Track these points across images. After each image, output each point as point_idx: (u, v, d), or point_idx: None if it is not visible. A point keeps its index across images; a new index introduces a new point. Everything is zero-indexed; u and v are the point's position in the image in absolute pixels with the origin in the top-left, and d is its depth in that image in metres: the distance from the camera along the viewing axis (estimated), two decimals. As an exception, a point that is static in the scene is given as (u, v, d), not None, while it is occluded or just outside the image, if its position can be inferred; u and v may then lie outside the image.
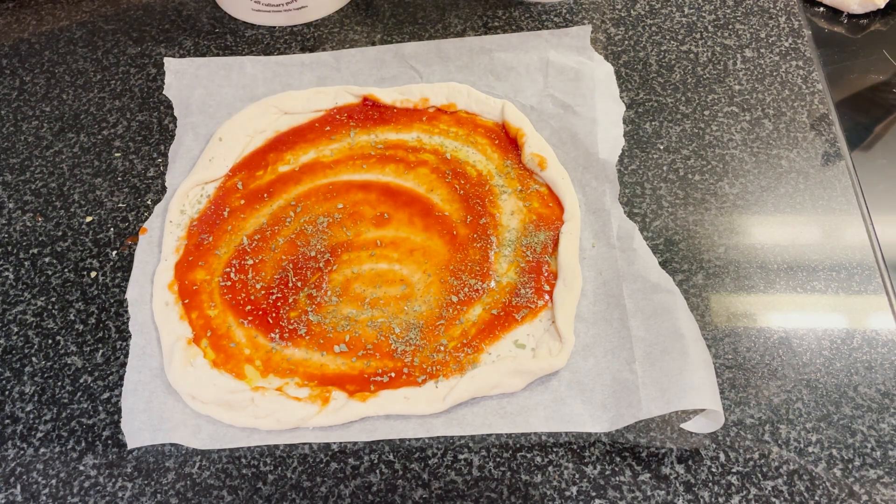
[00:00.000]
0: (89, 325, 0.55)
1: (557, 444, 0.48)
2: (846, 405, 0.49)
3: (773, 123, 0.63)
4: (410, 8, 0.75)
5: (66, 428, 0.51)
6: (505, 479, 0.47)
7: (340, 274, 0.56)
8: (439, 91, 0.65)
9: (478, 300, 0.54)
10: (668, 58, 0.69)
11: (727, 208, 0.58)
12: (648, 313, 0.51)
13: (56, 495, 0.48)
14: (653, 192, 0.60)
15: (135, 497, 0.47)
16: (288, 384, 0.51)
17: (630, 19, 0.72)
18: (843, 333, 0.52)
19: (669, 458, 0.47)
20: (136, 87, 0.70)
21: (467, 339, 0.52)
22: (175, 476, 0.48)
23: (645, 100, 0.66)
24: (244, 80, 0.69)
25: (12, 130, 0.68)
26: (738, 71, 0.67)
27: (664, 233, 0.57)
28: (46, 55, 0.74)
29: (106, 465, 0.49)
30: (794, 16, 0.71)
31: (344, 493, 0.47)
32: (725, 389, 0.50)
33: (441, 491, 0.47)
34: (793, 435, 0.48)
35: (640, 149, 0.62)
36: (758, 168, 0.61)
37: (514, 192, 0.59)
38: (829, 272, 0.55)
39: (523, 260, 0.56)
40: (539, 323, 0.53)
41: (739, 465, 0.47)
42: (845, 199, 0.58)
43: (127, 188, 0.63)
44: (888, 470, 0.46)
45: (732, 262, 0.56)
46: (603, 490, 0.46)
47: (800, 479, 0.46)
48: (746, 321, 0.53)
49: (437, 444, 0.49)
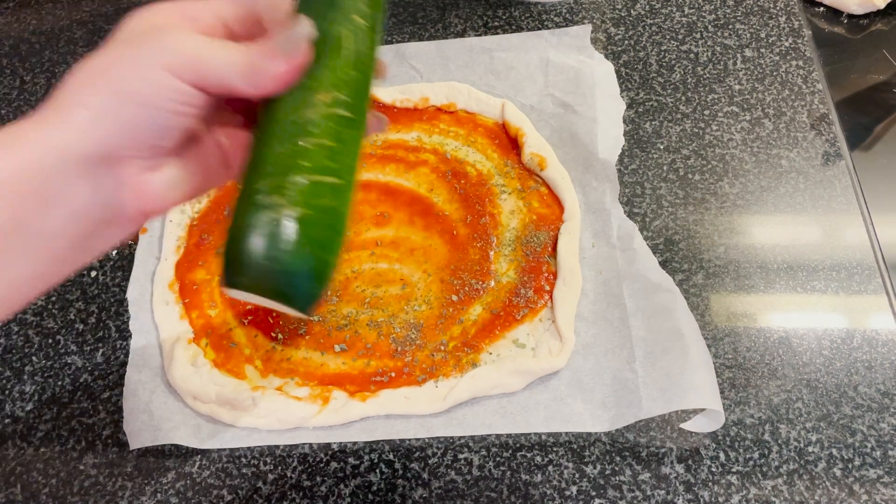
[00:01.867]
0: (89, 325, 0.55)
1: (557, 444, 0.48)
2: (846, 405, 0.49)
3: (773, 123, 0.63)
4: (410, 7, 0.75)
5: (67, 427, 0.51)
6: (505, 479, 0.47)
7: (340, 273, 0.56)
8: (439, 90, 0.65)
9: (478, 300, 0.54)
10: (669, 57, 0.69)
11: (727, 208, 0.58)
12: (649, 313, 0.51)
13: (56, 494, 0.48)
14: (653, 191, 0.60)
15: (135, 496, 0.47)
16: (288, 384, 0.51)
17: (630, 19, 0.72)
18: (843, 333, 0.52)
19: (669, 458, 0.47)
20: (137, 87, 0.70)
21: (467, 339, 0.52)
22: (175, 476, 0.48)
23: (645, 99, 0.65)
24: (244, 79, 0.69)
25: (12, 130, 0.68)
26: (738, 71, 0.67)
27: (664, 232, 0.57)
28: (47, 54, 0.74)
29: (106, 464, 0.49)
30: (795, 16, 0.71)
31: (344, 493, 0.47)
32: (725, 389, 0.50)
33: (441, 490, 0.47)
34: (793, 434, 0.48)
35: (641, 148, 0.62)
36: (758, 168, 0.61)
37: (514, 192, 0.59)
38: (829, 272, 0.55)
39: (523, 259, 0.56)
40: (539, 322, 0.53)
41: (739, 465, 0.47)
42: (845, 198, 0.58)
43: (127, 188, 0.63)
44: (888, 470, 0.46)
45: (732, 262, 0.56)
46: (603, 489, 0.46)
47: (800, 479, 0.46)
48: (746, 321, 0.53)
49: (437, 444, 0.49)
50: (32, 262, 0.29)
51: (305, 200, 0.29)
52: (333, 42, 0.31)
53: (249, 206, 0.29)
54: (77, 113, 0.28)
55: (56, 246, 0.29)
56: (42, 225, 0.28)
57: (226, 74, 0.29)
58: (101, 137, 0.28)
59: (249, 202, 0.29)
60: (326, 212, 0.30)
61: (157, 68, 0.28)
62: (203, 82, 0.29)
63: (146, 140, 0.29)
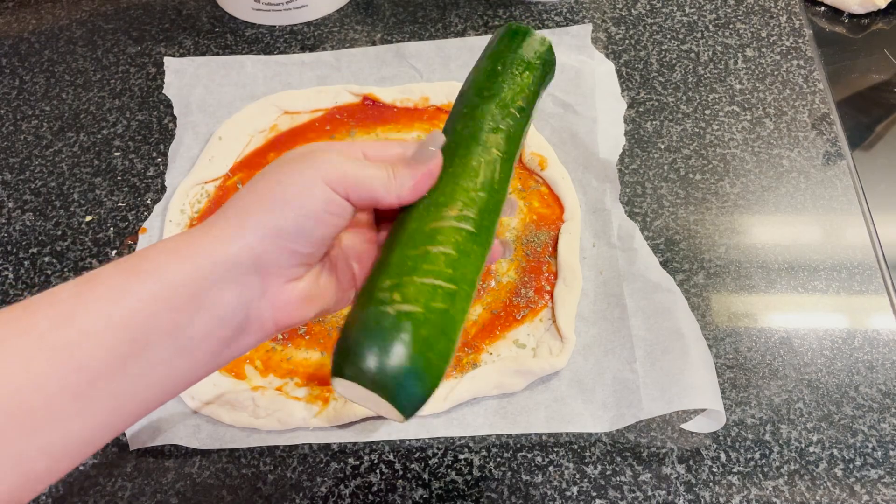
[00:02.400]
0: (89, 325, 0.55)
1: (558, 444, 0.48)
2: (847, 405, 0.49)
3: (774, 123, 0.63)
4: (411, 7, 0.75)
5: (66, 428, 0.50)
6: (505, 479, 0.47)
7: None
8: (440, 90, 0.65)
9: (478, 300, 0.54)
10: (669, 57, 0.68)
11: (728, 208, 0.58)
12: (649, 313, 0.51)
13: (56, 495, 0.48)
14: (653, 191, 0.60)
15: (135, 497, 0.47)
16: (288, 384, 0.51)
17: (631, 18, 0.72)
18: (844, 333, 0.52)
19: (670, 458, 0.47)
20: (136, 87, 0.70)
21: (468, 339, 0.52)
22: (175, 476, 0.48)
23: (646, 99, 0.65)
24: (244, 79, 0.69)
25: (12, 130, 0.68)
26: (738, 70, 0.67)
27: (665, 232, 0.57)
28: (46, 54, 0.74)
29: (106, 464, 0.49)
30: (795, 15, 0.71)
31: (344, 493, 0.47)
32: (726, 389, 0.50)
33: (441, 491, 0.47)
34: (794, 435, 0.48)
35: (641, 148, 0.62)
36: (759, 167, 0.60)
37: (515, 192, 0.59)
38: (830, 272, 0.55)
39: (524, 259, 0.56)
40: (539, 322, 0.53)
41: (740, 465, 0.47)
42: (846, 198, 0.58)
43: (127, 187, 0.63)
44: (889, 470, 0.46)
45: (733, 262, 0.55)
46: (604, 490, 0.46)
47: (801, 479, 0.46)
48: (747, 321, 0.53)
49: (437, 444, 0.49)
50: (177, 365, 0.30)
51: (421, 300, 0.31)
52: (470, 169, 0.35)
53: (368, 300, 0.31)
54: (239, 221, 0.31)
55: (202, 349, 0.30)
56: (193, 329, 0.29)
57: (371, 186, 0.33)
58: (255, 244, 0.31)
59: (369, 297, 0.31)
60: (440, 314, 0.31)
61: (318, 180, 0.31)
62: (352, 194, 0.32)
63: (295, 248, 0.32)
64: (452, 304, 0.32)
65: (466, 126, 0.37)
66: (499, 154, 0.36)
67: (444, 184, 0.34)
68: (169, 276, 0.29)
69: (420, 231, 0.33)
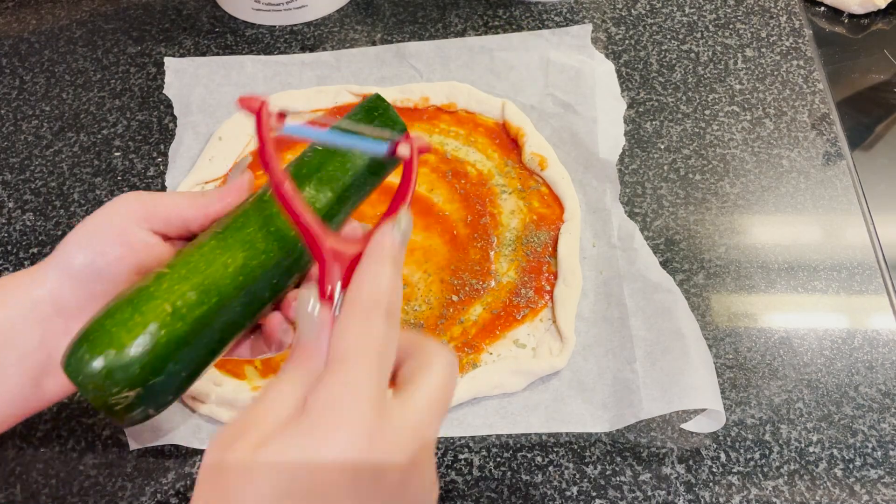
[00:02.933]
0: (89, 325, 0.55)
1: (558, 444, 0.48)
2: (847, 405, 0.49)
3: (773, 123, 0.63)
4: (411, 7, 0.75)
5: (66, 428, 0.50)
6: (505, 479, 0.47)
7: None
8: (440, 90, 0.65)
9: (478, 300, 0.54)
10: (669, 57, 0.68)
11: (728, 208, 0.58)
12: (649, 313, 0.51)
13: (56, 495, 0.48)
14: (653, 191, 0.60)
15: (135, 497, 0.47)
16: (288, 384, 0.51)
17: (631, 18, 0.72)
18: (843, 333, 0.52)
19: (670, 458, 0.47)
20: (136, 87, 0.70)
21: (468, 339, 0.52)
22: (175, 476, 0.48)
23: (646, 99, 0.65)
24: (244, 79, 0.69)
25: (12, 130, 0.68)
26: (738, 70, 0.67)
27: (665, 232, 0.57)
28: (46, 54, 0.74)
29: (106, 464, 0.49)
30: (795, 15, 0.71)
31: (344, 493, 0.47)
32: (726, 389, 0.50)
33: (441, 491, 0.47)
34: (794, 435, 0.48)
35: (641, 148, 0.62)
36: (759, 168, 0.60)
37: (515, 192, 0.59)
38: (830, 272, 0.55)
39: (524, 259, 0.56)
40: (539, 322, 0.53)
41: (740, 465, 0.47)
42: (846, 198, 0.58)
43: (127, 187, 0.63)
44: (889, 470, 0.46)
45: (733, 262, 0.55)
46: (604, 490, 0.46)
47: (800, 479, 0.46)
48: (747, 321, 0.53)
49: (437, 444, 0.49)
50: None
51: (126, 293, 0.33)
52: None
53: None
54: (49, 265, 0.34)
55: (9, 384, 0.34)
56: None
57: (173, 202, 0.36)
58: (53, 288, 0.34)
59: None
60: (136, 291, 0.33)
61: (112, 216, 0.34)
62: (154, 220, 0.35)
63: (94, 289, 0.34)
64: (157, 284, 0.33)
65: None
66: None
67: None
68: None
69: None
